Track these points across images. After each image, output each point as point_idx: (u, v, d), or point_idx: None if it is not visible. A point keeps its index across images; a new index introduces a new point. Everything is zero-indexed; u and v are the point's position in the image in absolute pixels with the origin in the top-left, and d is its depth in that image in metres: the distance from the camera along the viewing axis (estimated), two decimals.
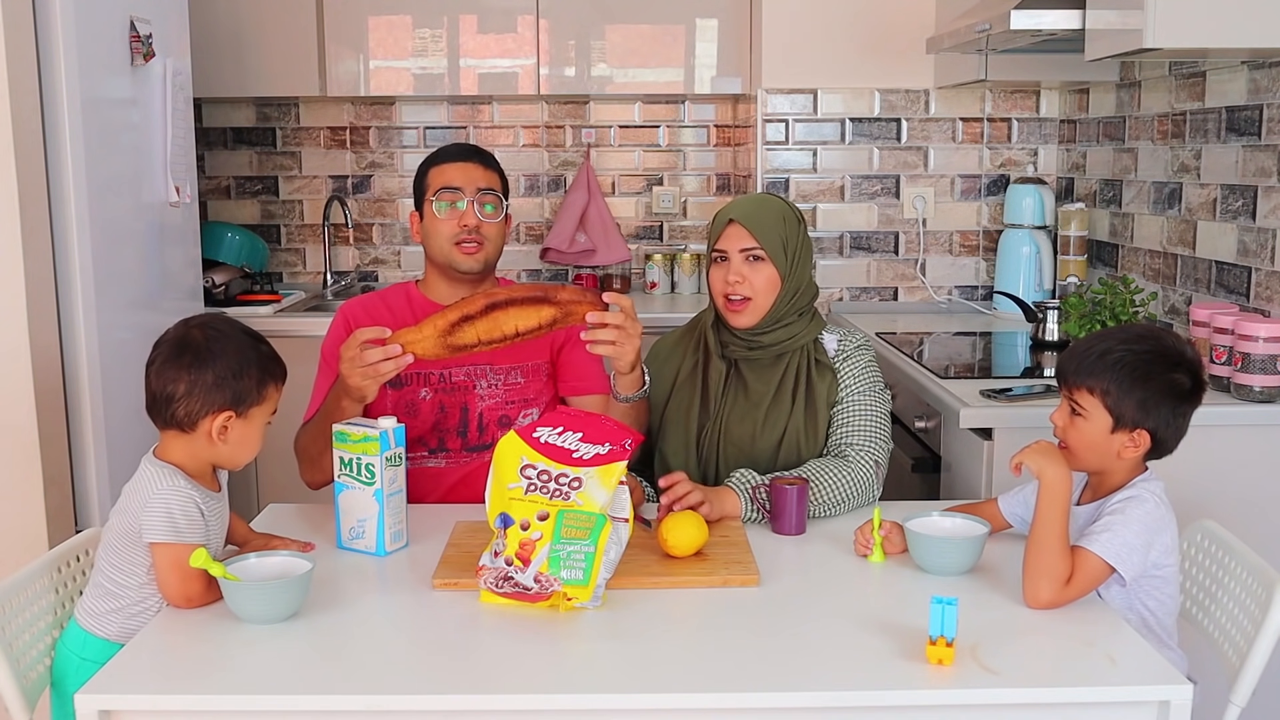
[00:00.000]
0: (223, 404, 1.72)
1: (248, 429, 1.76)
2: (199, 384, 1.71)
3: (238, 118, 4.30)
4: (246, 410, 1.74)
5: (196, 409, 1.72)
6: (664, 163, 4.36)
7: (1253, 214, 2.73)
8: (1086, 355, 1.80)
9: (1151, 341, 1.81)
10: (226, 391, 1.72)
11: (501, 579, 1.70)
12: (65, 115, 2.56)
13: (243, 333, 1.79)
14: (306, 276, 4.39)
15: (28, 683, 1.71)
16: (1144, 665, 1.53)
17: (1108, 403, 1.77)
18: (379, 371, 1.99)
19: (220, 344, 1.74)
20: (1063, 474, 1.72)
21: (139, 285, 2.93)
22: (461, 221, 2.25)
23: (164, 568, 1.69)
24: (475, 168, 2.29)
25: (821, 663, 1.54)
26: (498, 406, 2.28)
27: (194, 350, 1.73)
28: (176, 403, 1.72)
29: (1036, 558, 1.69)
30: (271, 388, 1.78)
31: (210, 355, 1.72)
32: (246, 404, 1.74)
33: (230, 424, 1.73)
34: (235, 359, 1.73)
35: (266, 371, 1.77)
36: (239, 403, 1.73)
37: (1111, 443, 1.78)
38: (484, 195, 2.27)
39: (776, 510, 2.00)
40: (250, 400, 1.74)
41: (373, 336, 1.99)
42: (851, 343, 2.25)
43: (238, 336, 1.77)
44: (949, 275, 3.94)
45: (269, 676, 1.52)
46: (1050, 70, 3.42)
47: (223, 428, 1.73)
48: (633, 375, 2.13)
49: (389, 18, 4.00)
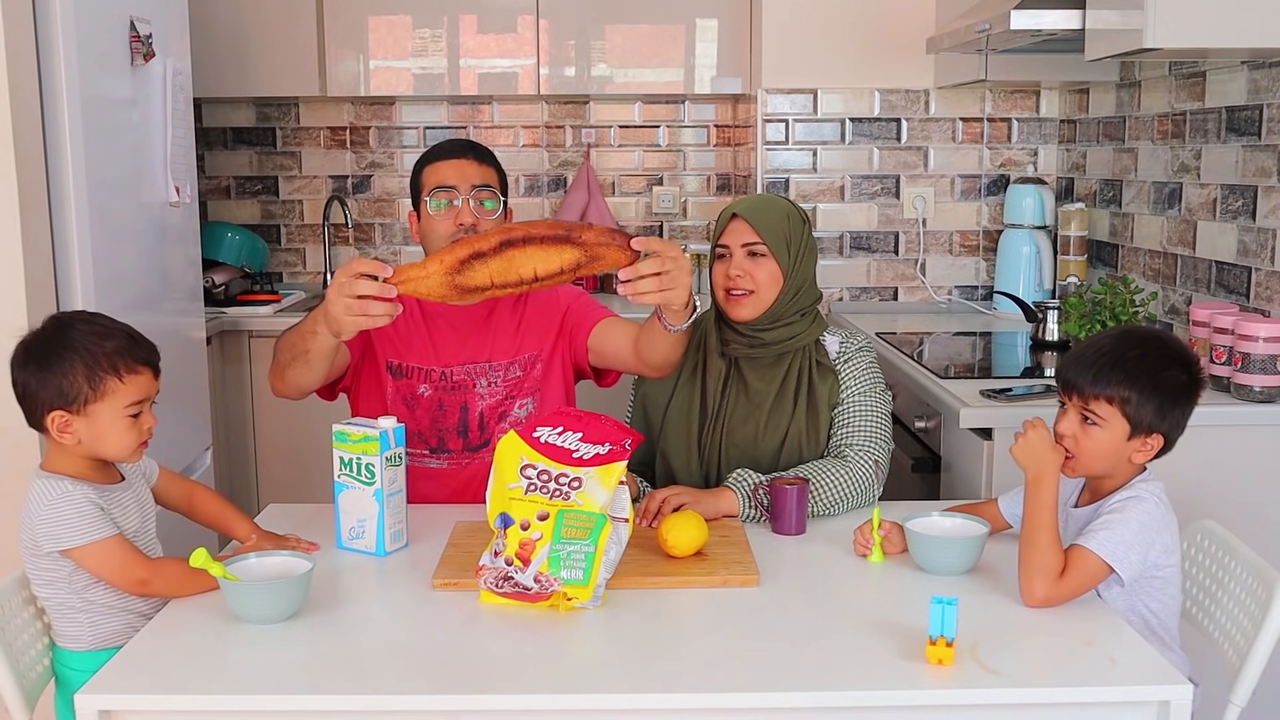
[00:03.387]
0: (50, 403, 1.70)
1: (94, 424, 1.71)
2: (31, 383, 1.70)
3: (238, 118, 4.30)
4: (81, 407, 1.70)
5: (34, 409, 1.72)
6: (664, 163, 4.36)
7: (1253, 214, 2.73)
8: (1098, 364, 1.77)
9: (1159, 344, 1.81)
10: (51, 389, 1.69)
11: (501, 579, 1.70)
12: (65, 115, 2.56)
13: (88, 325, 1.73)
14: (306, 276, 4.39)
15: (28, 682, 1.71)
16: (1144, 665, 1.53)
17: (1128, 411, 1.75)
18: (365, 310, 1.80)
19: (52, 343, 1.71)
20: (1048, 466, 1.72)
21: (139, 285, 2.93)
22: (458, 220, 2.21)
23: (95, 568, 1.69)
24: (469, 164, 2.25)
25: (821, 663, 1.54)
26: (497, 404, 2.27)
27: (29, 350, 1.72)
28: (22, 404, 1.72)
29: (1028, 554, 1.70)
30: (110, 380, 1.70)
31: (41, 354, 1.70)
32: (78, 401, 1.69)
33: (70, 421, 1.70)
34: (62, 355, 1.69)
35: (97, 365, 1.69)
36: (66, 400, 1.69)
37: (1126, 449, 1.78)
38: (480, 191, 2.24)
39: (776, 510, 2.00)
40: (81, 397, 1.69)
41: (370, 270, 1.81)
42: (853, 345, 2.25)
43: (72, 331, 1.72)
44: (949, 275, 3.94)
45: (269, 676, 1.52)
46: (1050, 70, 3.42)
47: (62, 426, 1.70)
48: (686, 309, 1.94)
49: (389, 18, 4.00)
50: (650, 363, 2.15)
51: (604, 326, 2.27)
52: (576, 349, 2.31)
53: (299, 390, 2.13)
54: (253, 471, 3.78)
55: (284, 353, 2.10)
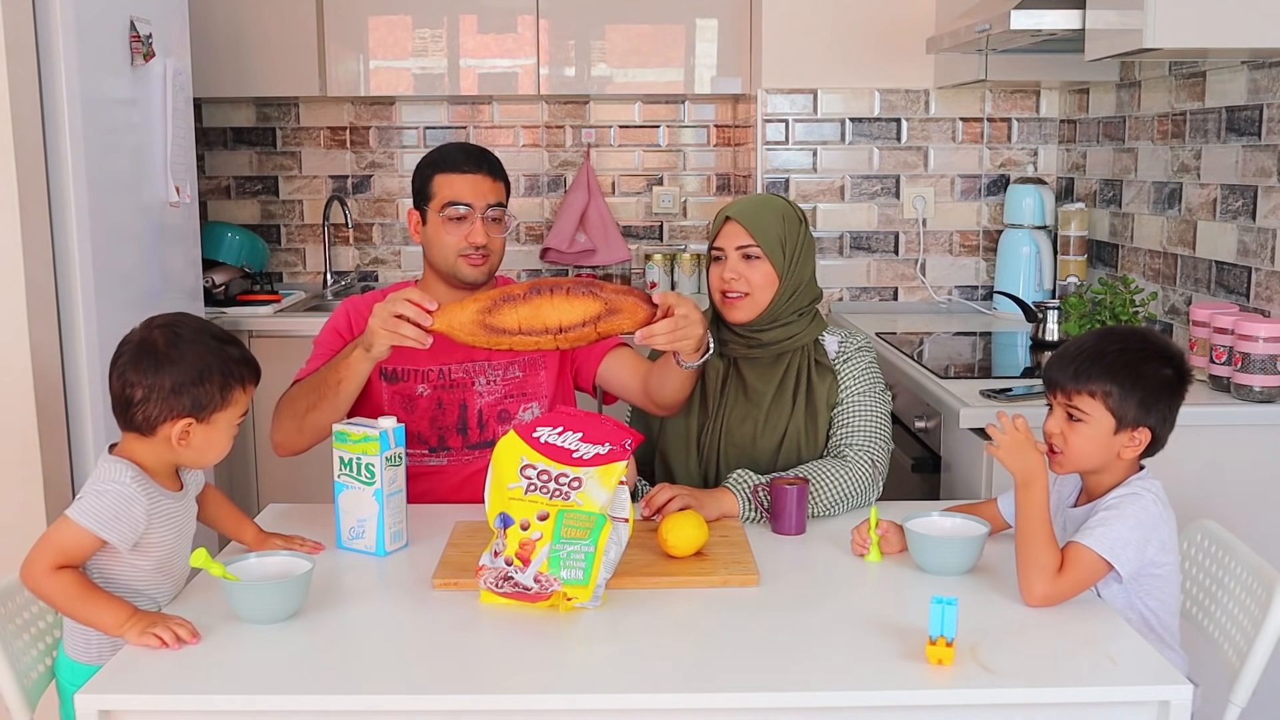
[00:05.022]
0: (182, 410, 1.68)
1: (211, 433, 1.71)
2: (157, 389, 1.66)
3: (238, 118, 4.30)
4: (208, 416, 1.70)
5: (155, 414, 1.67)
6: (664, 163, 4.36)
7: (1253, 214, 2.73)
8: (1079, 360, 1.79)
9: (1139, 339, 1.82)
10: (185, 398, 1.67)
11: (501, 579, 1.70)
12: (65, 115, 2.56)
13: (209, 335, 1.73)
14: (306, 276, 4.39)
15: (28, 682, 1.71)
16: (1144, 665, 1.53)
17: (1110, 404, 1.76)
18: (397, 327, 1.92)
19: (180, 348, 1.68)
20: (1035, 467, 1.72)
21: (139, 285, 2.93)
22: (469, 239, 2.20)
23: (46, 540, 1.63)
24: (484, 180, 2.22)
25: (821, 663, 1.54)
26: (497, 403, 2.27)
27: (154, 354, 1.67)
28: (135, 407, 1.68)
29: (1025, 554, 1.70)
30: (237, 392, 1.72)
31: (169, 360, 1.67)
32: (208, 410, 1.69)
33: (191, 429, 1.69)
34: (196, 364, 1.68)
35: (231, 375, 1.70)
36: (199, 409, 1.68)
37: (1113, 444, 1.78)
38: (493, 210, 2.22)
39: (776, 510, 2.00)
40: (212, 406, 1.69)
41: (419, 299, 1.92)
42: (852, 344, 2.25)
43: (201, 340, 1.71)
44: (949, 275, 3.94)
45: (269, 676, 1.52)
46: (1050, 70, 3.42)
47: (183, 434, 1.69)
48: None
49: (389, 18, 4.00)
50: (659, 401, 2.19)
51: (615, 358, 2.30)
52: (581, 367, 2.32)
53: (317, 433, 2.12)
54: (253, 471, 3.78)
55: (303, 399, 2.11)
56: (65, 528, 1.64)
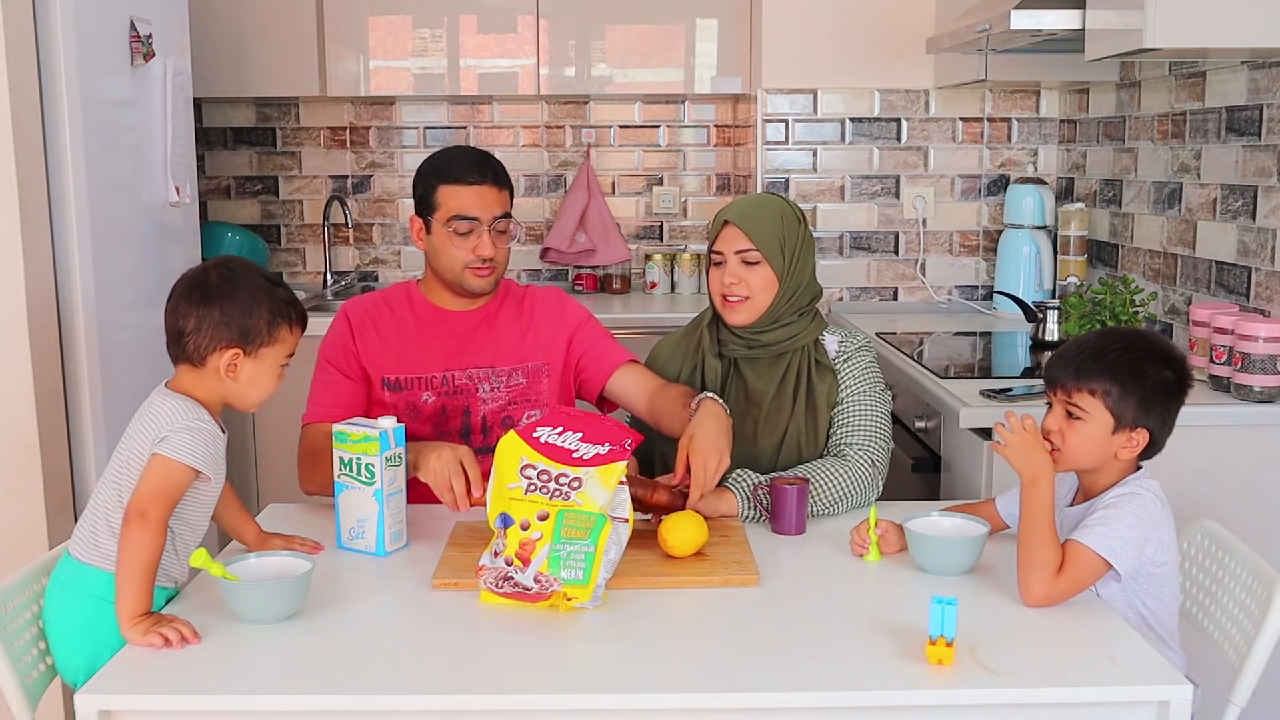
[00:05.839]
0: (230, 340, 1.74)
1: (259, 368, 1.77)
2: (207, 319, 1.74)
3: (238, 118, 4.30)
4: (256, 349, 1.75)
5: (205, 344, 1.74)
6: (664, 163, 4.36)
7: (1253, 214, 2.73)
8: (1081, 357, 1.79)
9: (1142, 341, 1.83)
10: (234, 328, 1.74)
11: (501, 579, 1.70)
12: (65, 115, 2.56)
13: (259, 274, 1.80)
14: (306, 276, 4.39)
15: (29, 682, 1.71)
16: (1144, 665, 1.53)
17: (1109, 403, 1.77)
18: (444, 485, 1.94)
19: (232, 283, 1.76)
20: (1042, 467, 1.72)
21: (139, 285, 2.93)
22: (477, 251, 2.18)
23: (152, 479, 1.67)
24: (490, 191, 2.19)
25: (821, 663, 1.54)
26: (500, 409, 2.27)
27: (205, 288, 1.76)
28: (186, 337, 1.75)
29: (1025, 554, 1.70)
30: (284, 328, 1.78)
31: (220, 293, 1.75)
32: (255, 342, 1.75)
33: (239, 361, 1.75)
34: (245, 297, 1.75)
35: (278, 313, 1.77)
36: (247, 340, 1.74)
37: (1111, 444, 1.78)
38: (499, 221, 2.21)
39: (776, 510, 2.00)
40: (259, 339, 1.75)
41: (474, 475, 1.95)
42: (852, 344, 2.25)
43: (251, 277, 1.78)
44: (949, 275, 3.94)
45: (269, 676, 1.52)
46: (1050, 70, 3.42)
47: (231, 364, 1.75)
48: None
49: (389, 18, 4.00)
50: (662, 428, 2.20)
51: (626, 373, 2.29)
52: (589, 379, 2.32)
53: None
54: (253, 471, 3.78)
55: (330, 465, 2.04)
56: (171, 470, 1.69)
